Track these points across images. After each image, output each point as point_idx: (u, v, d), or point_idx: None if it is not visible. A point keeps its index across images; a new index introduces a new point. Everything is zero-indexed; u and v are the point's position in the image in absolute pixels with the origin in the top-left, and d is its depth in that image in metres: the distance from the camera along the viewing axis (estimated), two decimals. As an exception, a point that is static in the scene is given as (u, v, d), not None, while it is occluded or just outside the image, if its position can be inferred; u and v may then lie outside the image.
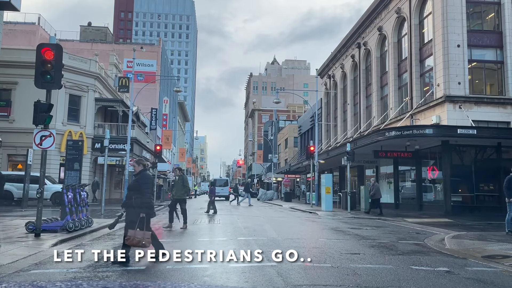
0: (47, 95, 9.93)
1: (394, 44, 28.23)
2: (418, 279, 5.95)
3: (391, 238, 10.87)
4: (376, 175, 30.00)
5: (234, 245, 8.97)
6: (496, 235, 11.31)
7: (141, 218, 6.54)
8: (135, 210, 6.69)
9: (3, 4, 16.56)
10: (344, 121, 38.22)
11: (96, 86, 30.50)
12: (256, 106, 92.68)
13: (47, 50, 9.47)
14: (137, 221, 6.52)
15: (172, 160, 58.86)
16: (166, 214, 19.56)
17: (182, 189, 12.85)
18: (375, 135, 22.27)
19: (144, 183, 6.91)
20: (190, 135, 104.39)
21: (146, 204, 6.76)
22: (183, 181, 12.92)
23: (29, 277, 5.90)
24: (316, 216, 19.85)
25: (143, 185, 6.87)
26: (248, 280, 5.72)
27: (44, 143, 9.84)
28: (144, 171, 7.10)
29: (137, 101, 35.07)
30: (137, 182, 6.97)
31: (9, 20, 38.75)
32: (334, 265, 6.82)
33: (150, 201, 6.96)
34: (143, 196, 6.80)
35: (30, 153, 19.87)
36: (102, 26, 59.34)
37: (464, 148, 22.04)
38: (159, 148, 31.20)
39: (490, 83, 23.56)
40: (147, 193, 6.89)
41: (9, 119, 26.69)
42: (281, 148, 68.23)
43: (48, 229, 10.23)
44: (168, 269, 6.31)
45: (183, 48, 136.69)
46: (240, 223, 14.84)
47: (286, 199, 40.13)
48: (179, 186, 12.98)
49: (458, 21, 22.27)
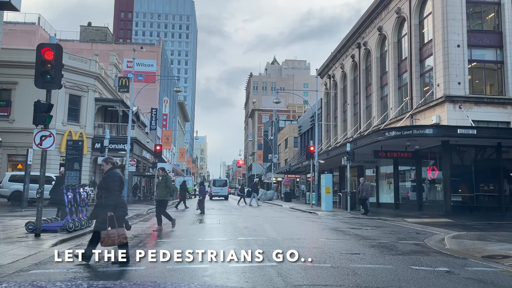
0: (47, 95, 9.93)
1: (394, 44, 28.24)
2: (418, 279, 5.95)
3: (391, 238, 10.87)
4: (376, 175, 30.02)
5: (234, 245, 8.97)
6: (496, 235, 11.31)
7: (110, 217, 6.47)
8: (104, 209, 6.62)
9: (3, 4, 16.56)
10: (344, 121, 38.22)
11: (96, 86, 30.50)
12: (256, 106, 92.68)
13: (47, 50, 9.47)
14: (107, 221, 6.46)
15: (172, 160, 58.86)
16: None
17: (164, 189, 12.40)
18: (375, 135, 22.27)
19: (112, 181, 6.80)
20: (190, 135, 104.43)
21: (113, 202, 6.66)
22: (166, 181, 12.50)
23: (29, 277, 5.90)
24: (316, 216, 19.85)
25: (111, 183, 6.77)
26: (248, 280, 5.72)
27: (44, 143, 9.84)
28: (113, 169, 7.00)
29: (137, 101, 35.08)
30: (105, 181, 6.89)
31: (9, 20, 38.75)
32: (334, 265, 6.82)
33: (118, 199, 6.81)
34: (111, 194, 6.70)
35: (30, 153, 19.86)
36: (102, 26, 59.37)
37: (464, 148, 22.05)
38: (159, 148, 31.22)
39: (490, 83, 23.57)
40: (115, 191, 6.77)
41: (9, 119, 26.70)
42: (281, 148, 68.23)
43: (48, 229, 10.23)
44: (168, 269, 6.31)
45: (183, 48, 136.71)
46: (240, 223, 14.84)
47: (286, 199, 40.14)
48: (162, 186, 12.56)
49: (458, 21, 22.28)
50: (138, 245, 8.97)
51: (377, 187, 29.72)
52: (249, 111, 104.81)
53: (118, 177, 6.95)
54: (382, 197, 28.97)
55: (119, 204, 6.79)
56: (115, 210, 6.63)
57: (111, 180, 6.82)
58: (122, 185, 6.99)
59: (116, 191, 6.77)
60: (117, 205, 6.72)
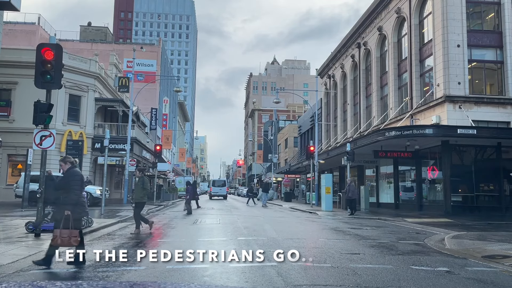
0: (47, 95, 9.93)
1: (394, 44, 28.24)
2: (418, 279, 5.95)
3: (391, 238, 10.87)
4: (376, 175, 30.02)
5: (234, 245, 8.97)
6: (496, 235, 11.31)
7: (66, 216, 6.31)
8: (61, 208, 6.49)
9: (3, 4, 16.55)
10: (344, 121, 38.22)
11: (96, 86, 30.50)
12: (256, 106, 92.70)
13: (47, 50, 9.47)
14: (62, 220, 6.30)
15: (172, 160, 58.85)
16: (167, 214, 19.62)
17: (141, 191, 11.84)
18: (375, 135, 22.27)
19: (71, 181, 6.64)
20: (190, 135, 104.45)
21: (73, 202, 6.51)
22: (143, 183, 11.91)
23: (29, 277, 5.90)
24: (316, 216, 19.85)
25: (70, 183, 6.62)
26: (248, 280, 5.73)
27: (44, 143, 9.85)
28: (72, 168, 6.82)
29: (137, 101, 35.08)
30: (64, 180, 6.75)
31: (9, 20, 38.78)
32: (334, 265, 6.82)
33: (77, 198, 6.63)
34: (70, 194, 6.55)
35: (30, 153, 19.88)
36: (102, 26, 59.36)
37: (464, 148, 22.05)
38: (159, 148, 31.21)
39: (490, 83, 23.57)
40: (75, 190, 6.60)
41: (9, 119, 26.69)
42: (281, 148, 68.23)
43: (48, 229, 10.21)
44: (168, 269, 6.31)
45: (183, 48, 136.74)
46: (240, 223, 14.84)
47: (286, 199, 40.14)
48: (138, 188, 12.00)
49: (458, 21, 22.27)
50: (138, 245, 8.97)
51: (377, 187, 29.72)
52: (249, 111, 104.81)
53: (78, 176, 6.76)
54: (382, 197, 28.97)
55: (79, 203, 6.61)
56: (74, 210, 6.46)
57: (70, 180, 6.64)
58: (83, 184, 6.80)
59: (76, 190, 6.59)
60: (76, 205, 6.54)
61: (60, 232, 6.23)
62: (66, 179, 6.71)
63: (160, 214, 20.03)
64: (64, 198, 6.58)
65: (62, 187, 6.76)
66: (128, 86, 31.74)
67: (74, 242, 6.24)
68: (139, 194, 11.78)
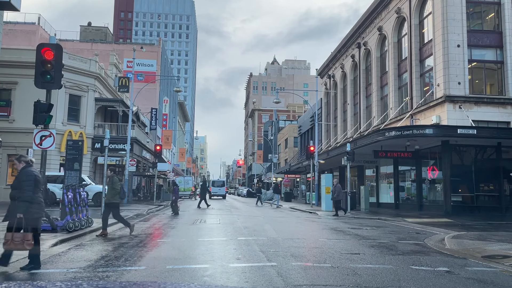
0: (47, 95, 9.93)
1: (394, 44, 28.24)
2: (418, 279, 5.95)
3: (391, 238, 10.87)
4: (376, 175, 30.03)
5: (234, 245, 8.96)
6: (496, 235, 11.31)
7: (19, 219, 5.99)
8: (15, 210, 6.17)
9: (3, 4, 16.55)
10: (344, 121, 38.23)
11: (96, 86, 30.49)
12: (256, 106, 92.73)
13: (47, 50, 9.48)
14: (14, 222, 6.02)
15: (172, 160, 58.86)
16: (167, 214, 19.62)
17: (111, 191, 11.25)
18: (375, 135, 22.27)
19: (25, 181, 6.30)
20: (190, 135, 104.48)
21: (25, 204, 6.15)
22: (112, 183, 11.38)
23: (29, 277, 5.90)
24: (316, 216, 19.86)
25: (24, 183, 6.29)
26: (248, 280, 5.72)
27: (44, 143, 9.85)
28: (26, 167, 6.47)
29: (137, 101, 35.09)
30: (18, 180, 6.43)
31: (9, 20, 38.79)
32: (334, 265, 6.81)
33: (30, 199, 6.23)
34: (23, 194, 6.22)
35: (30, 153, 19.83)
36: (102, 26, 59.36)
37: (464, 148, 22.05)
38: (159, 148, 31.23)
39: (490, 83, 23.56)
40: (27, 191, 6.23)
41: (9, 119, 26.69)
42: (281, 148, 68.25)
43: (48, 229, 10.22)
44: (168, 269, 6.32)
45: (183, 48, 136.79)
46: (240, 223, 14.85)
47: (286, 199, 40.13)
48: (108, 188, 11.52)
49: (458, 21, 22.28)
50: (138, 245, 8.96)
51: (377, 187, 29.73)
52: (249, 111, 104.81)
53: (32, 176, 6.41)
54: (382, 197, 28.98)
55: (34, 203, 6.28)
56: (28, 209, 6.14)
57: (24, 180, 6.31)
58: (38, 184, 6.47)
59: (28, 191, 6.25)
60: (31, 203, 6.24)
61: (12, 235, 5.96)
62: (19, 179, 6.39)
63: (160, 214, 20.04)
64: (17, 199, 6.23)
65: (16, 187, 6.41)
66: (128, 86, 31.74)
67: (27, 245, 6.00)
68: (109, 194, 11.37)
